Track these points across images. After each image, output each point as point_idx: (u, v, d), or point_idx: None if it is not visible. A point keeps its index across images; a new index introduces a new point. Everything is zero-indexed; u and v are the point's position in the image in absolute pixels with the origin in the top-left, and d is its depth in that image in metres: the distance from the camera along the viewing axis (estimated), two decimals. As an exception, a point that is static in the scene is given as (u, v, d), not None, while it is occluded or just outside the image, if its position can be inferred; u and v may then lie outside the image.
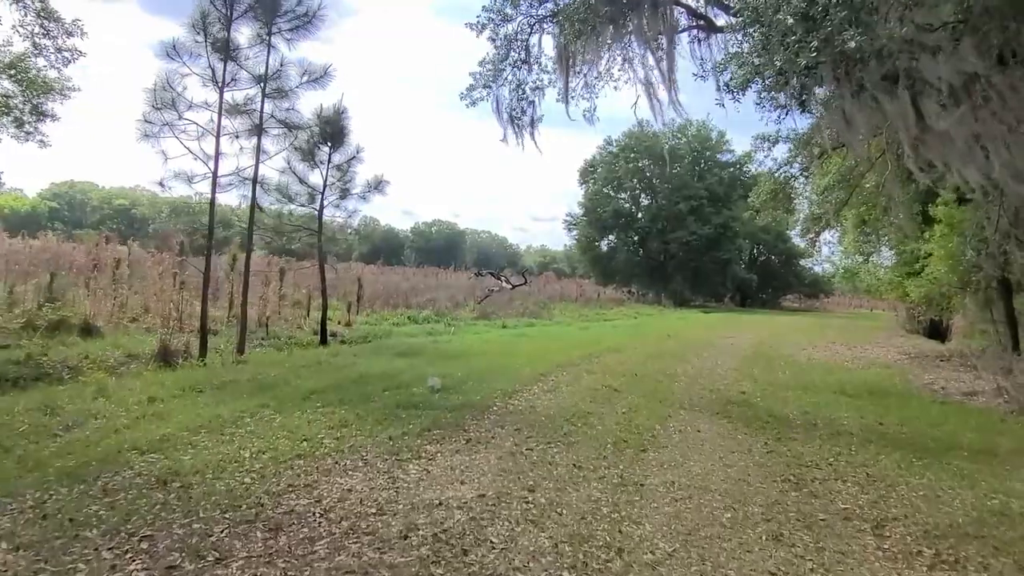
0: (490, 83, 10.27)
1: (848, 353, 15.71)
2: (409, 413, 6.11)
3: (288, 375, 7.96)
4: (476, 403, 6.77)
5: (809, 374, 11.31)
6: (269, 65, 9.60)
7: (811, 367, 12.44)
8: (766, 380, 10.20)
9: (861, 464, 5.45)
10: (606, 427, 6.17)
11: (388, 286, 26.23)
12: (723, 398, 8.25)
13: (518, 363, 9.91)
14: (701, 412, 7.24)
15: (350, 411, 6.04)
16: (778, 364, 12.63)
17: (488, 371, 8.85)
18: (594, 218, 45.79)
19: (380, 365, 9.02)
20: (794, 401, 8.37)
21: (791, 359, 13.68)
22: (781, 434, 6.39)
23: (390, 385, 7.38)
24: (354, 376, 7.91)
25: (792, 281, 55.30)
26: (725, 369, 11.25)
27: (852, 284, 31.01)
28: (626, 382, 8.88)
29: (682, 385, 9.06)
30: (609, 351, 12.75)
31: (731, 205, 44.74)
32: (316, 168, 12.49)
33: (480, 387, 7.65)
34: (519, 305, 25.65)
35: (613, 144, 47.32)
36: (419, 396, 6.91)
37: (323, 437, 5.12)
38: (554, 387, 8.14)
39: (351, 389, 7.07)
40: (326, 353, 10.24)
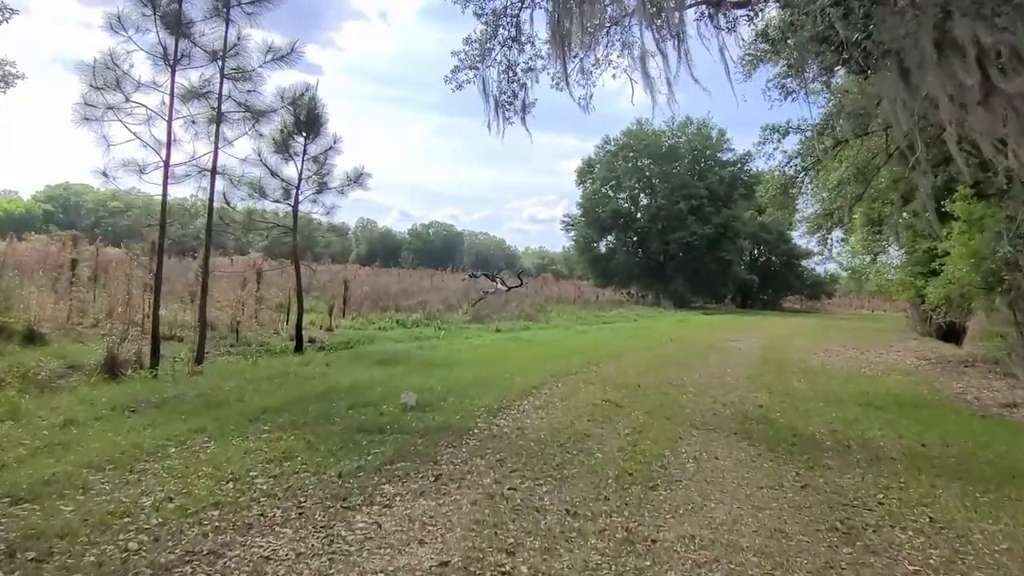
0: (477, 64, 9.30)
1: (863, 358, 14.75)
2: (372, 439, 5.13)
3: (244, 389, 6.97)
4: (454, 424, 5.79)
5: (827, 383, 10.35)
6: (228, 41, 8.61)
7: (827, 374, 11.48)
8: (782, 390, 9.24)
9: (917, 502, 4.48)
10: (607, 454, 5.19)
11: (378, 288, 25.31)
12: (739, 413, 7.27)
13: (509, 373, 8.93)
14: (716, 432, 6.26)
15: (300, 437, 5.05)
16: (791, 371, 11.67)
17: (474, 383, 7.87)
18: (592, 218, 44.82)
19: (352, 376, 8.04)
20: (818, 416, 7.40)
21: (804, 365, 12.71)
22: (813, 460, 5.42)
23: (357, 402, 6.39)
24: (319, 390, 6.93)
25: (793, 282, 54.37)
26: (736, 377, 10.28)
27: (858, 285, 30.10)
28: (628, 395, 7.91)
29: (691, 398, 8.08)
30: (608, 358, 11.78)
31: (732, 204, 43.86)
32: (291, 160, 11.54)
33: (462, 403, 6.67)
34: (515, 308, 24.69)
35: (612, 143, 46.38)
36: (389, 416, 5.92)
37: (256, 475, 4.13)
38: (547, 402, 7.16)
39: (310, 407, 6.08)
40: (297, 362, 9.25)
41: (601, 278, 45.20)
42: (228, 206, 11.19)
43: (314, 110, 11.44)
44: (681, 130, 45.64)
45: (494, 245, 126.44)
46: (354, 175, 11.92)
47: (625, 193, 46.42)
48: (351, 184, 11.92)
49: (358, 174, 11.93)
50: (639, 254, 45.77)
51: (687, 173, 43.66)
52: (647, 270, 44.50)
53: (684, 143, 45.06)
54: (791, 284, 54.59)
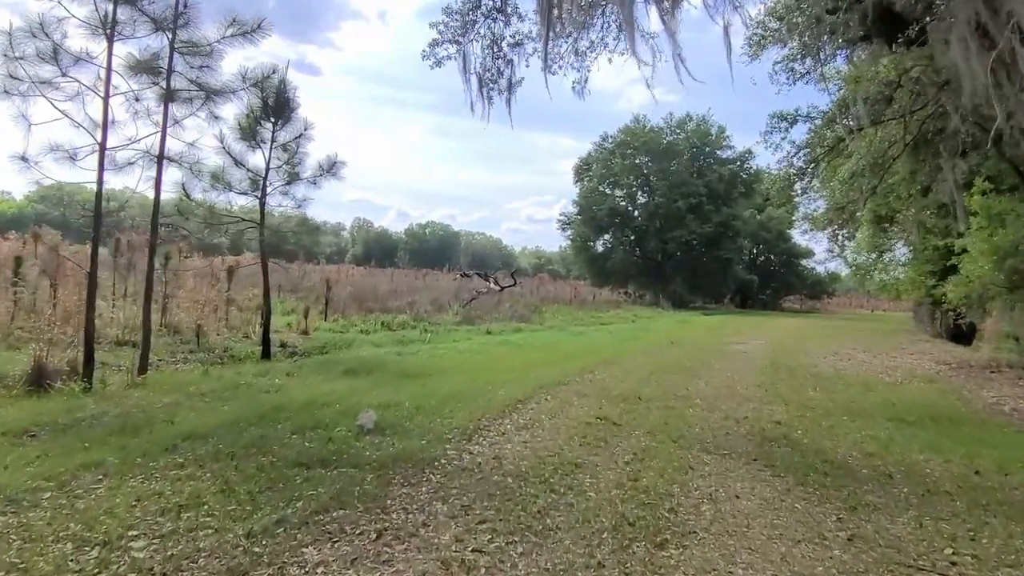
0: (459, 37, 8.31)
1: (876, 362, 13.77)
2: (309, 476, 4.12)
3: (179, 407, 5.97)
4: (417, 453, 4.78)
5: (845, 392, 9.37)
6: (177, 9, 7.59)
7: (843, 381, 10.50)
8: (799, 402, 8.26)
9: (998, 560, 3.50)
10: (601, 493, 4.19)
11: (366, 289, 24.35)
12: (755, 432, 6.28)
13: (492, 384, 7.94)
14: (732, 458, 5.27)
15: (219, 474, 4.04)
16: (804, 378, 10.69)
17: (450, 397, 6.87)
18: (589, 217, 43.83)
19: (312, 390, 7.03)
20: (845, 434, 6.42)
21: (816, 371, 11.74)
22: (854, 497, 4.43)
23: (306, 423, 5.38)
24: (265, 409, 5.91)
25: (793, 282, 53.48)
26: (745, 386, 9.30)
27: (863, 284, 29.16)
28: (627, 410, 6.91)
29: (699, 413, 7.09)
30: (605, 364, 10.78)
31: (732, 203, 42.96)
32: (258, 149, 10.55)
33: (431, 424, 5.67)
34: (508, 308, 23.73)
35: (609, 140, 45.44)
36: (339, 442, 4.92)
37: (136, 536, 3.12)
38: (533, 420, 6.16)
39: (247, 431, 5.07)
40: (254, 372, 8.23)
41: (598, 278, 44.23)
42: (187, 199, 10.20)
43: (283, 93, 10.45)
44: (680, 127, 44.73)
45: (491, 245, 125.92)
46: (327, 164, 10.91)
47: (623, 191, 45.49)
48: (324, 174, 10.91)
49: (332, 163, 10.92)
50: (637, 253, 44.81)
51: (686, 171, 42.70)
52: (645, 269, 43.54)
53: (683, 140, 44.12)
54: (791, 284, 53.69)
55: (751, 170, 45.30)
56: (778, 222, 51.02)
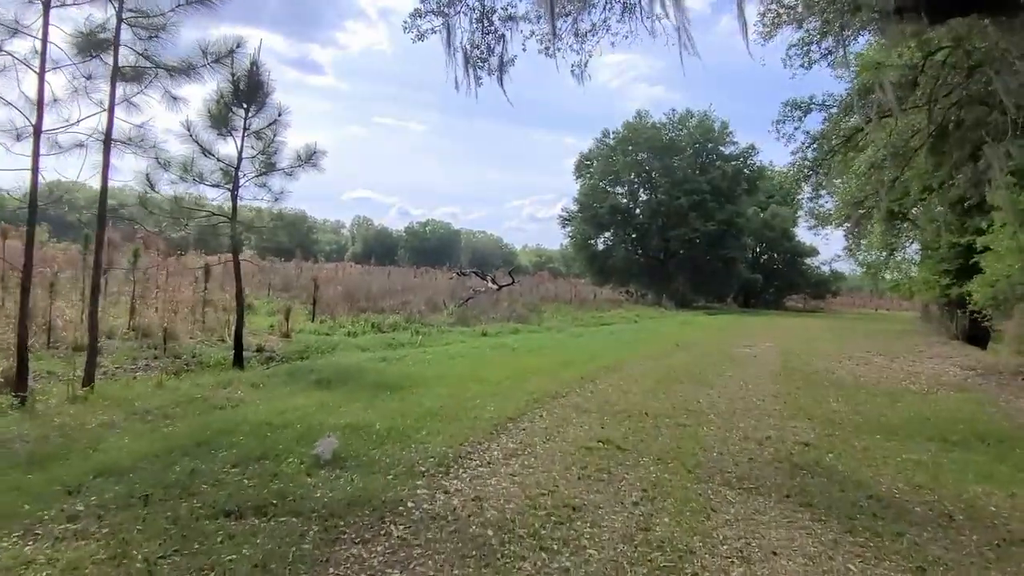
0: (445, 8, 7.44)
1: (896, 368, 12.91)
2: (235, 532, 3.26)
3: (111, 429, 5.12)
4: (379, 494, 3.91)
5: (871, 403, 8.52)
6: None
7: (867, 391, 9.64)
8: (823, 416, 7.41)
9: None
10: (605, 552, 3.32)
11: (360, 288, 23.55)
12: (782, 458, 5.42)
13: (481, 396, 7.08)
14: (761, 494, 4.41)
15: (118, 532, 3.17)
16: (823, 386, 9.84)
17: (429, 415, 6.01)
18: (590, 214, 42.90)
19: (275, 405, 6.17)
20: (884, 459, 5.56)
21: (834, 378, 10.88)
22: (916, 550, 3.57)
23: (252, 453, 4.51)
24: (210, 432, 5.05)
25: (797, 281, 52.66)
26: (762, 397, 8.44)
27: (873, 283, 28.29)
28: (633, 429, 6.05)
29: (715, 432, 6.22)
30: (606, 371, 9.92)
31: (735, 200, 42.05)
32: (230, 137, 9.70)
33: (403, 451, 4.80)
34: (506, 308, 22.88)
35: (611, 136, 44.53)
36: (285, 479, 4.05)
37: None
38: (524, 445, 5.29)
39: (178, 464, 4.21)
40: (216, 382, 7.36)
41: (599, 276, 43.34)
42: (151, 191, 9.36)
43: (256, 76, 9.58)
44: (682, 123, 43.85)
45: (491, 243, 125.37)
46: (306, 154, 10.03)
47: (624, 188, 44.59)
48: (302, 164, 10.03)
49: (310, 152, 10.04)
50: (638, 251, 43.93)
51: (688, 167, 41.79)
52: (647, 268, 42.65)
53: (685, 136, 43.20)
54: (795, 283, 52.89)
55: (755, 166, 44.42)
56: (782, 220, 50.18)
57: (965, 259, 18.23)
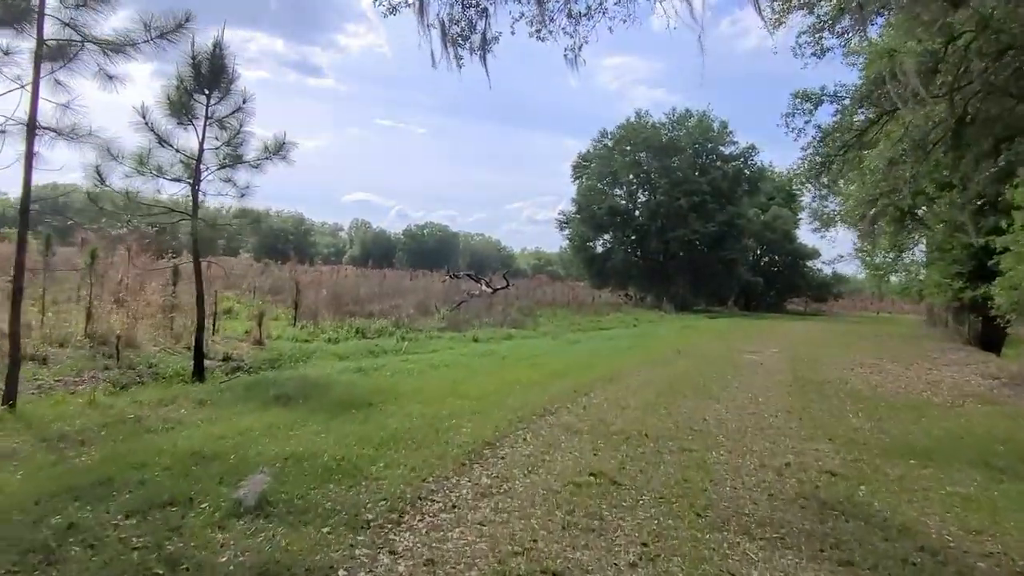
0: (417, -22, 6.62)
1: (912, 376, 12.07)
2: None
3: (6, 460, 4.27)
4: (300, 559, 3.04)
5: (894, 419, 7.68)
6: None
7: (886, 403, 8.80)
8: (845, 436, 6.56)
9: None
10: (592, 646, 2.49)
11: (349, 291, 22.75)
12: (807, 492, 4.57)
13: (459, 414, 6.24)
14: (788, 547, 3.56)
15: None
16: (838, 398, 9.01)
17: (395, 439, 5.16)
18: (588, 216, 42.03)
19: (215, 428, 5.32)
20: (926, 493, 4.72)
21: (850, 388, 10.05)
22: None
23: (161, 494, 3.65)
24: (122, 465, 4.19)
25: (799, 283, 51.79)
26: (774, 412, 7.60)
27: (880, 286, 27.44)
28: (631, 457, 5.20)
29: (725, 458, 5.37)
30: (603, 382, 9.06)
31: (736, 201, 41.24)
32: (190, 125, 8.87)
33: (348, 492, 3.94)
34: (500, 312, 22.07)
35: (608, 137, 43.72)
36: (188, 536, 3.20)
37: None
38: (501, 481, 4.43)
39: (61, 514, 3.36)
40: (159, 399, 6.49)
41: (597, 279, 42.50)
42: (101, 185, 8.54)
43: (219, 59, 8.76)
44: (681, 122, 43.02)
45: (489, 246, 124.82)
46: (275, 146, 9.21)
47: (623, 189, 43.76)
48: (270, 157, 9.22)
49: (280, 144, 9.21)
50: (638, 254, 43.07)
51: (688, 168, 40.97)
52: (646, 271, 41.79)
53: (684, 136, 42.37)
54: (796, 285, 52.02)
55: (756, 167, 43.65)
56: (783, 222, 49.37)
57: (979, 260, 17.42)
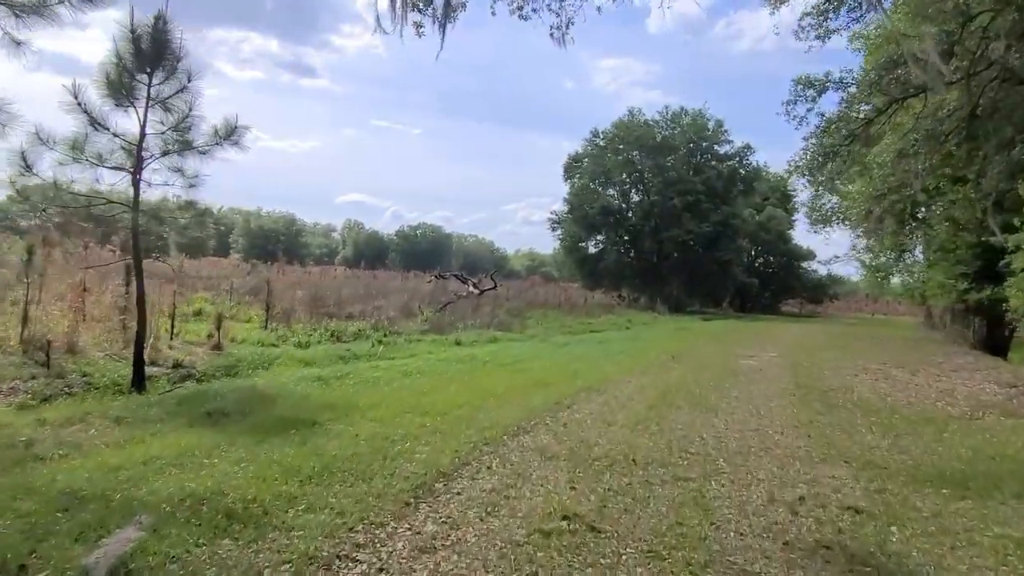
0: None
1: (921, 383, 11.27)
2: None
3: None
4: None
5: (913, 435, 6.86)
6: None
7: (900, 416, 7.98)
8: (862, 457, 5.73)
9: None
10: None
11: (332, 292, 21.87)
12: (829, 539, 3.71)
13: (417, 434, 5.36)
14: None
15: None
16: (847, 410, 8.19)
17: (327, 471, 4.26)
18: (580, 215, 41.15)
19: (111, 457, 4.41)
20: (968, 536, 3.88)
21: (856, 398, 9.23)
22: None
23: None
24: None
25: (794, 285, 51.15)
26: (780, 428, 6.76)
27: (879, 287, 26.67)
28: (614, 490, 4.33)
29: (727, 491, 4.51)
30: (588, 393, 8.20)
31: (731, 201, 40.51)
32: (131, 107, 7.98)
33: (243, 552, 3.04)
34: (488, 314, 21.21)
35: (600, 136, 42.91)
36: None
37: None
38: (447, 531, 3.52)
39: None
40: (69, 416, 5.57)
41: (590, 280, 41.69)
42: (27, 171, 7.68)
43: (162, 34, 7.87)
44: (675, 121, 42.26)
45: (483, 247, 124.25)
46: (225, 130, 8.31)
47: (615, 189, 42.92)
48: (220, 142, 8.33)
49: (231, 128, 8.31)
50: (631, 254, 42.26)
51: (682, 167, 40.19)
52: (639, 271, 40.97)
53: (678, 134, 41.59)
54: (791, 287, 51.38)
55: (751, 167, 42.97)
56: (778, 222, 48.73)
57: (985, 260, 16.68)
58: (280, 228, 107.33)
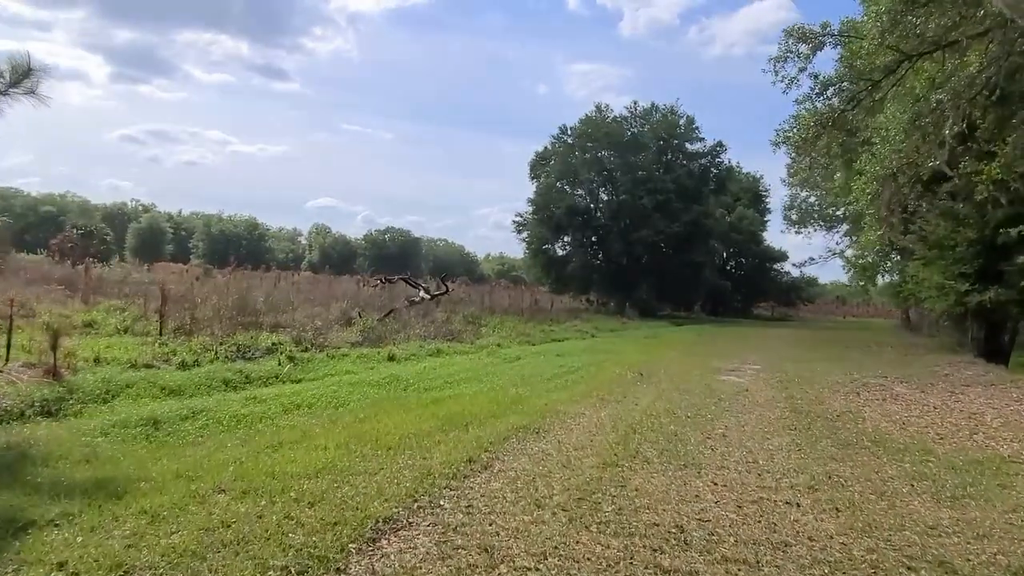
0: None
1: (937, 404, 9.33)
2: None
3: None
4: None
5: (969, 490, 4.88)
6: None
7: (936, 459, 5.96)
8: (919, 543, 3.67)
9: None
10: None
11: (263, 298, 19.35)
12: None
13: (199, 553, 3.12)
14: None
15: None
16: (863, 448, 6.19)
17: None
18: (546, 216, 38.99)
19: None
20: None
21: (868, 428, 7.23)
22: None
23: None
24: None
25: (766, 287, 49.85)
26: (789, 492, 4.63)
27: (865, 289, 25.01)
28: None
29: None
30: (524, 435, 5.97)
31: (702, 200, 38.89)
32: None
33: None
34: (441, 322, 18.94)
35: (568, 133, 40.98)
36: None
37: None
38: None
39: None
40: None
41: (557, 284, 39.64)
42: None
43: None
44: (645, 117, 40.52)
45: (453, 251, 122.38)
46: (14, 73, 5.94)
47: (583, 188, 40.92)
48: (7, 91, 5.95)
49: (22, 70, 5.93)
50: (599, 257, 40.27)
51: (652, 165, 38.40)
52: (608, 274, 39.00)
53: (648, 132, 39.86)
54: (763, 289, 50.08)
55: (723, 166, 41.50)
56: (750, 223, 47.40)
57: (988, 258, 14.97)
58: (242, 232, 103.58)
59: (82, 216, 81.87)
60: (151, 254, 67.96)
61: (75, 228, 48.01)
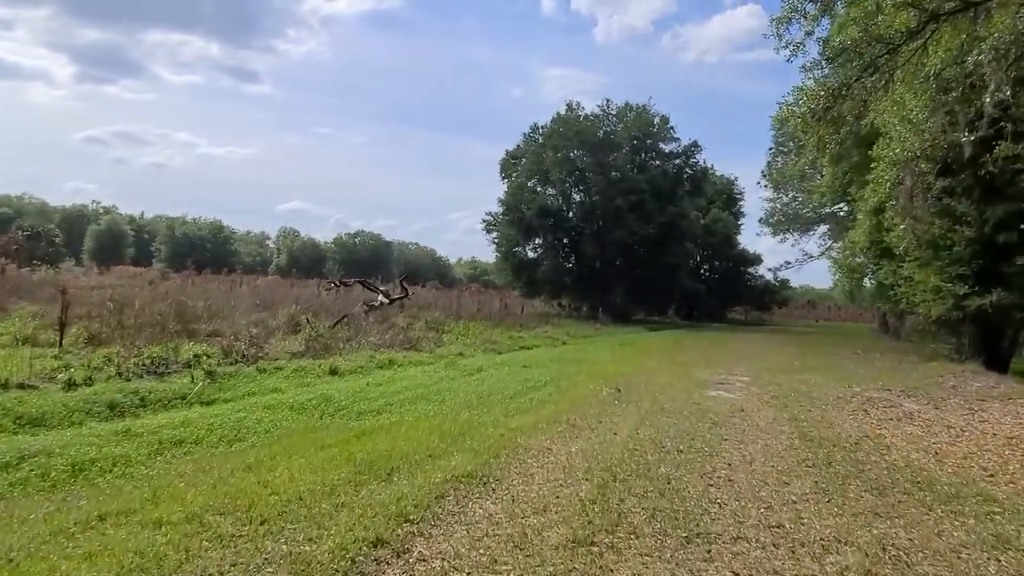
0: None
1: (962, 424, 8.02)
2: None
3: None
4: None
5: None
6: None
7: (1003, 508, 4.58)
8: None
9: None
10: None
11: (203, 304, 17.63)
12: None
13: None
14: None
15: None
16: (913, 498, 4.76)
17: None
18: (516, 217, 37.42)
19: None
20: None
21: (905, 465, 5.83)
22: None
23: None
24: None
25: (741, 291, 49.03)
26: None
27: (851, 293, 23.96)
28: None
29: None
30: (464, 489, 4.40)
31: (677, 202, 37.75)
32: None
33: None
34: (400, 329, 17.31)
35: (540, 132, 39.53)
36: None
37: None
38: None
39: None
40: None
41: (528, 288, 38.11)
42: None
43: None
44: (619, 116, 39.28)
45: (425, 255, 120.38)
46: None
47: (555, 188, 39.47)
48: None
49: None
50: (571, 260, 38.84)
51: (626, 165, 37.16)
52: (581, 278, 37.60)
53: (622, 131, 38.61)
54: (738, 293, 49.24)
55: (698, 166, 40.49)
56: (724, 225, 46.55)
57: (987, 260, 13.89)
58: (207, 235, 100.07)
59: (39, 218, 78.07)
60: (111, 257, 65.00)
61: (20, 230, 45.14)
